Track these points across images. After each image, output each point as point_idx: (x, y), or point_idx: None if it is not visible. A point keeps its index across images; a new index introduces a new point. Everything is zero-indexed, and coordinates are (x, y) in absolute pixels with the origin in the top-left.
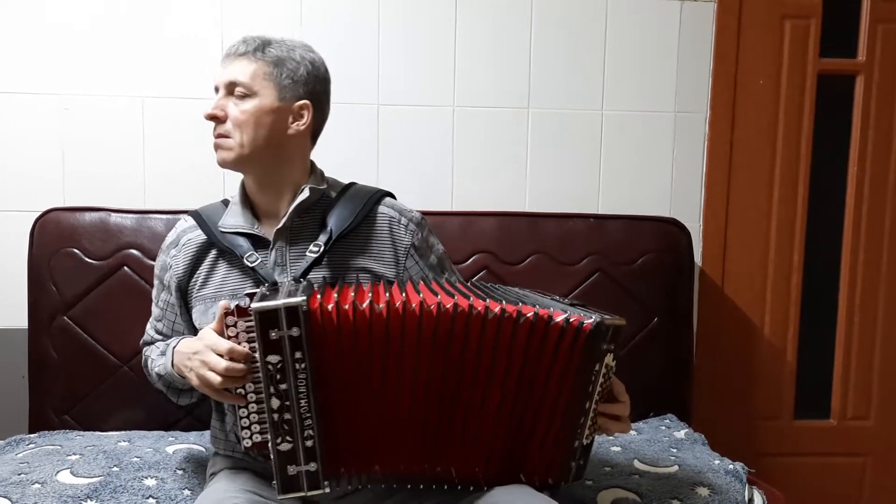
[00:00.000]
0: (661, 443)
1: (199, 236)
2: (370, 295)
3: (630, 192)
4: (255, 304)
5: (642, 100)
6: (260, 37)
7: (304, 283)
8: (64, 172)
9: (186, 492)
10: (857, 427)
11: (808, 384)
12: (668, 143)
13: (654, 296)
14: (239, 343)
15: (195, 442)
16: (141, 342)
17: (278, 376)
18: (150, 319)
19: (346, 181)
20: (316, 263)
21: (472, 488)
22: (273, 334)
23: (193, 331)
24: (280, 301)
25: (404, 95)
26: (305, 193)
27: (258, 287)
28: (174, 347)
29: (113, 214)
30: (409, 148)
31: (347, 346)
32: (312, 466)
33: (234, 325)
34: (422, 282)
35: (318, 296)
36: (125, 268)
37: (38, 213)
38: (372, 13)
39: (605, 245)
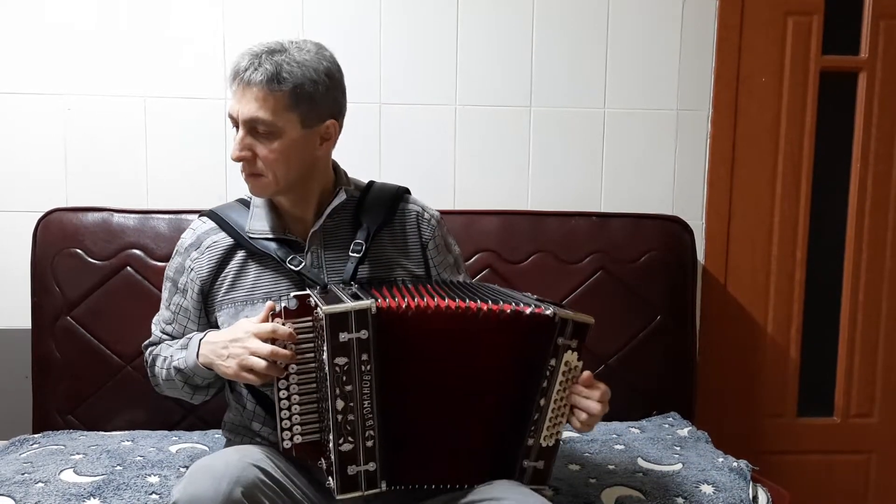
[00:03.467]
0: (665, 441)
1: (224, 238)
2: (426, 298)
3: (632, 190)
4: (325, 308)
5: (644, 98)
6: (271, 52)
7: (355, 285)
8: (66, 173)
9: None
10: (860, 424)
11: (811, 381)
12: (671, 140)
13: (657, 294)
14: (285, 346)
15: (198, 441)
16: (146, 342)
17: (344, 378)
18: (157, 320)
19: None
20: (360, 263)
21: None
22: (343, 336)
23: None
24: (351, 304)
25: (406, 94)
26: (341, 196)
27: (293, 290)
28: (201, 339)
29: (116, 214)
30: (410, 147)
31: (407, 348)
32: (371, 466)
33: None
34: (438, 283)
35: (382, 299)
36: (128, 268)
37: (41, 214)
38: (373, 12)
39: (608, 243)
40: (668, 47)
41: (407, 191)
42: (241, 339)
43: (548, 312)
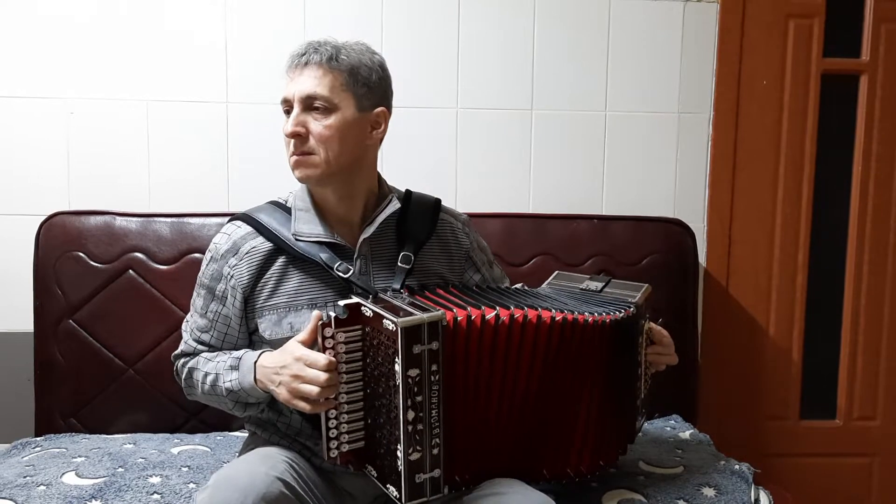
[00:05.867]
0: (667, 443)
1: (263, 244)
2: (495, 309)
3: (634, 192)
4: (400, 320)
5: (646, 100)
6: (327, 42)
7: (406, 294)
8: (69, 176)
9: (192, 485)
10: (863, 427)
11: (813, 384)
12: (672, 143)
13: (659, 296)
14: (336, 354)
15: (200, 443)
16: (177, 353)
17: (415, 389)
18: (190, 328)
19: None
20: (409, 274)
21: (564, 483)
22: (416, 349)
23: (248, 341)
24: (423, 316)
25: (408, 97)
26: (395, 204)
27: (339, 297)
28: (256, 362)
29: (118, 218)
30: (413, 150)
31: (471, 357)
32: (436, 473)
33: (332, 337)
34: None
35: (451, 310)
36: (130, 271)
37: (44, 217)
38: (375, 15)
39: (610, 246)
40: (669, 50)
41: (440, 201)
42: (291, 367)
43: (629, 311)
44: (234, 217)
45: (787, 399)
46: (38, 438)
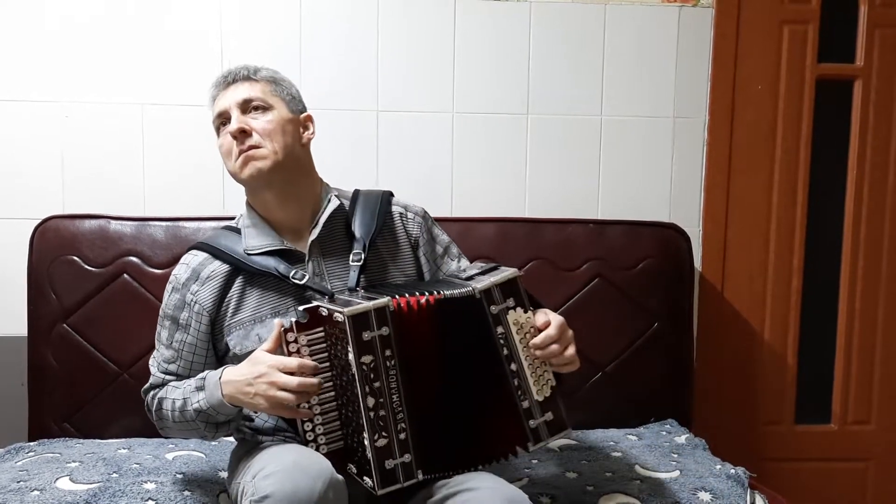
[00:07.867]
0: (662, 448)
1: (221, 266)
2: (426, 291)
3: (629, 197)
4: (346, 310)
5: (641, 105)
6: (244, 66)
7: (360, 290)
8: (64, 180)
9: (186, 493)
10: (858, 431)
11: (808, 388)
12: (668, 148)
13: (654, 301)
14: (301, 357)
15: (195, 448)
16: (146, 387)
17: (372, 375)
18: (157, 361)
19: (346, 189)
20: (362, 271)
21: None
22: (366, 335)
23: (216, 366)
24: (369, 303)
25: (404, 102)
26: (335, 202)
27: (299, 303)
28: (220, 379)
29: (113, 222)
30: (408, 154)
31: (418, 339)
32: (407, 458)
33: (295, 341)
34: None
35: (393, 298)
36: (125, 275)
37: (38, 221)
38: (371, 19)
39: (605, 250)
40: (664, 55)
41: (391, 194)
42: (265, 375)
43: (464, 290)
44: (190, 247)
45: (783, 403)
46: (32, 443)
